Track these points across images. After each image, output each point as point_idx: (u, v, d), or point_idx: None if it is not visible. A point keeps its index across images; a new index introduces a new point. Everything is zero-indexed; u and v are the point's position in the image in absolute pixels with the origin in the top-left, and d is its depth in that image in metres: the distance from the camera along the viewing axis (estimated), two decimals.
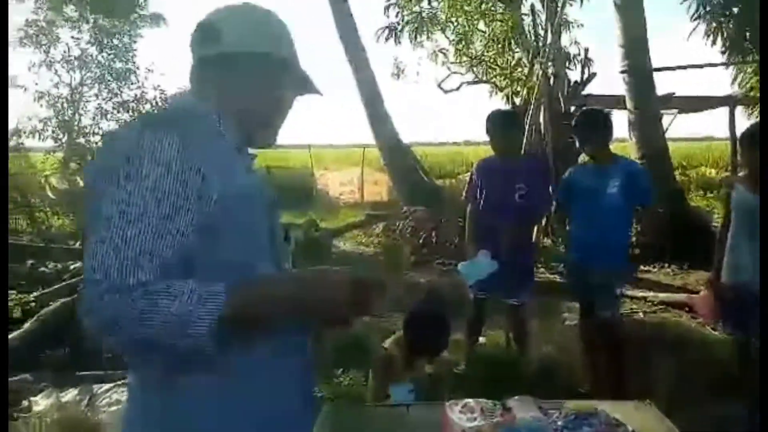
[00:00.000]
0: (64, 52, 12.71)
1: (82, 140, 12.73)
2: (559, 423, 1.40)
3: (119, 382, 3.54)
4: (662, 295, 5.24)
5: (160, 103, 13.31)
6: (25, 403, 3.33)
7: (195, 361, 0.92)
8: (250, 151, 1.14)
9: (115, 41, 13.32)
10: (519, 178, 3.23)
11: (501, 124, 3.33)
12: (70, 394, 3.40)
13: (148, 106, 13.27)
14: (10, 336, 3.96)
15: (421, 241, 8.18)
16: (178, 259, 0.89)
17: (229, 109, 1.06)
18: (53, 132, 12.25)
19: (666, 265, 6.67)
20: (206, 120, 1.03)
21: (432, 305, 3.12)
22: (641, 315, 4.97)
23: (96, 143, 12.72)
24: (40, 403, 3.34)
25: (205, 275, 0.91)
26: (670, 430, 1.45)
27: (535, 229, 4.24)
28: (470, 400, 1.45)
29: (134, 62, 13.52)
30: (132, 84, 13.27)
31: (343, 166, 14.88)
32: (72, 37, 12.85)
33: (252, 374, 1.01)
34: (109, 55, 13.26)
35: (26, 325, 4.20)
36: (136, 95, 13.24)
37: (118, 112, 13.07)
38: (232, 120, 1.06)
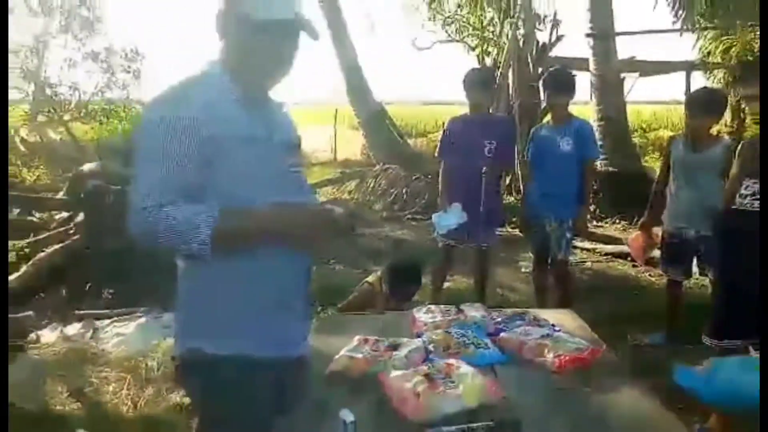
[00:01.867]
0: None
1: (48, 91, 12.55)
2: (498, 320, 1.83)
3: (117, 318, 3.89)
4: (609, 247, 5.79)
5: (130, 55, 13.17)
6: (32, 336, 3.65)
7: (207, 262, 1.23)
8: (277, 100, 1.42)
9: None
10: (488, 135, 3.51)
11: (474, 81, 3.62)
12: (74, 328, 3.72)
13: (117, 58, 13.11)
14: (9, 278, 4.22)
15: (392, 197, 8.56)
16: (186, 188, 1.21)
17: (239, 68, 1.32)
18: (16, 84, 12.01)
19: (617, 220, 7.20)
20: (217, 80, 1.31)
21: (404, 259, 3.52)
22: (589, 264, 5.50)
23: (62, 95, 12.59)
24: (47, 335, 3.67)
25: (213, 205, 1.22)
26: (582, 326, 1.90)
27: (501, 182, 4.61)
28: (432, 305, 1.85)
29: (99, 11, 13.20)
30: (100, 34, 13.04)
31: (316, 124, 14.98)
32: None
33: (257, 271, 1.31)
34: (73, 1, 12.92)
35: (23, 269, 4.46)
36: (105, 47, 13.03)
37: (85, 62, 12.88)
38: (242, 76, 1.32)
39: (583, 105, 8.89)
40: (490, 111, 4.41)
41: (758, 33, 8.97)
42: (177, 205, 1.19)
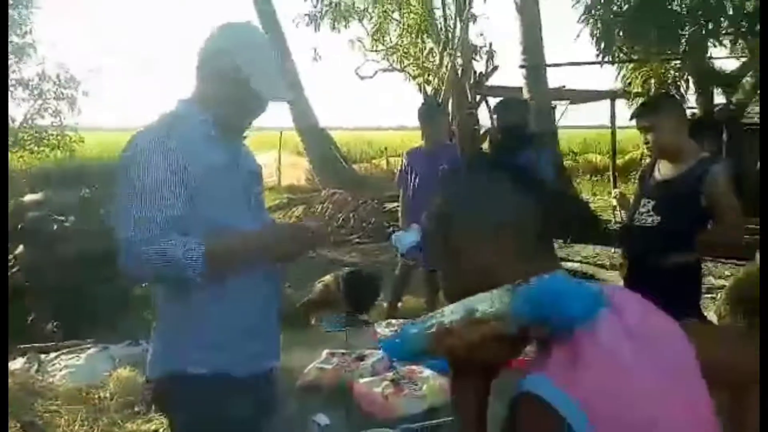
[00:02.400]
0: None
1: None
2: None
3: (64, 351, 3.79)
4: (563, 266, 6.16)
5: (63, 81, 12.74)
6: None
7: (194, 287, 1.34)
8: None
9: (11, 11, 12.47)
10: (440, 163, 3.78)
11: (427, 115, 3.96)
12: (18, 362, 3.59)
13: (50, 85, 12.66)
14: None
15: (339, 222, 8.69)
16: (173, 220, 1.31)
17: (220, 113, 1.43)
18: None
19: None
20: (198, 123, 1.41)
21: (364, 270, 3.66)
22: None
23: None
24: None
25: (196, 233, 1.34)
26: None
27: None
28: (392, 319, 2.00)
29: (32, 36, 12.75)
30: (31, 60, 12.57)
31: (260, 149, 14.98)
32: None
33: (235, 294, 1.41)
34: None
35: None
36: (37, 72, 12.57)
37: (15, 89, 12.37)
38: (222, 119, 1.43)
39: None
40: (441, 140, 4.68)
41: (670, 65, 9.88)
42: (168, 236, 1.28)
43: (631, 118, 2.48)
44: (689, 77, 10.11)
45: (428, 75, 11.25)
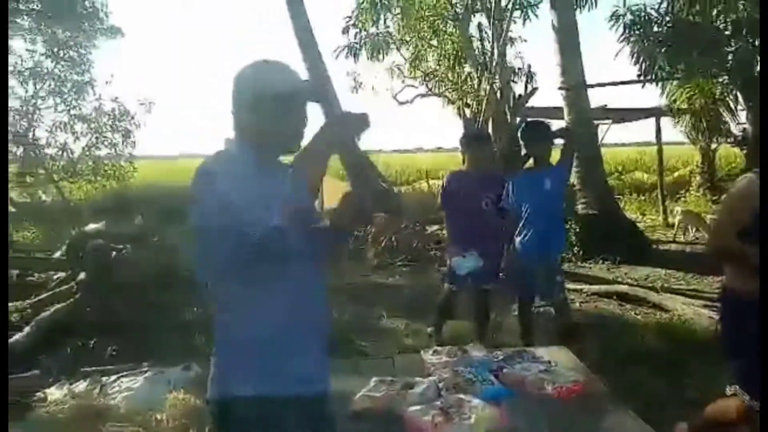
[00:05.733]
0: (16, 63, 12.59)
1: (32, 153, 12.69)
2: (501, 358, 2.03)
3: (125, 373, 3.97)
4: (594, 287, 6.03)
5: (118, 115, 13.45)
6: (39, 394, 3.70)
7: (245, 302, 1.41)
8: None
9: (72, 53, 13.31)
10: (486, 189, 3.86)
11: (478, 145, 4.03)
12: (81, 385, 3.78)
13: (105, 119, 13.38)
14: (12, 339, 4.29)
15: (382, 245, 8.77)
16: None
17: (262, 145, 1.50)
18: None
19: (600, 261, 7.47)
20: (242, 160, 1.47)
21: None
22: (577, 304, 5.72)
23: (51, 156, 12.75)
24: (54, 393, 3.71)
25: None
26: (575, 361, 2.10)
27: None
28: (438, 347, 2.05)
29: (90, 74, 13.54)
30: (89, 96, 13.34)
31: None
32: (26, 50, 12.77)
33: (284, 316, 1.43)
34: (65, 66, 13.26)
35: (26, 329, 4.52)
36: (94, 107, 13.31)
37: (75, 124, 13.12)
38: (264, 151, 1.51)
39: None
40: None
41: (716, 81, 9.64)
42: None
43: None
44: (737, 93, 9.82)
45: (467, 99, 11.33)
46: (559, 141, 3.91)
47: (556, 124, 5.91)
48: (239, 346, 1.46)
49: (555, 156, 3.90)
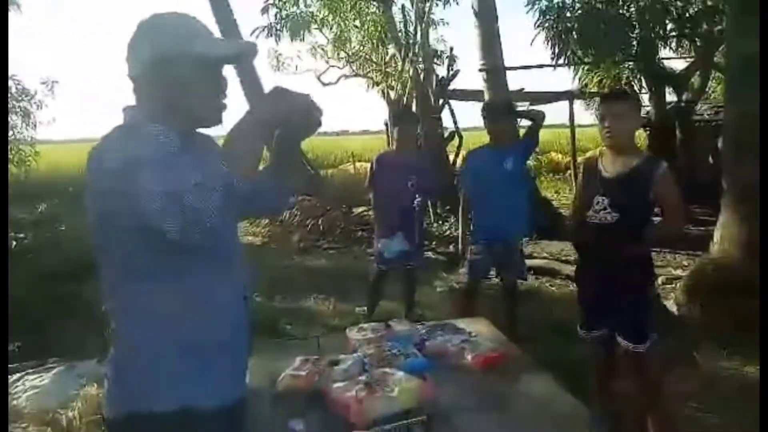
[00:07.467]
0: None
1: None
2: (423, 332, 2.06)
3: (29, 371, 3.70)
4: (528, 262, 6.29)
5: (15, 95, 12.32)
6: None
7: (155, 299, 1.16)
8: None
9: None
10: (412, 170, 3.89)
11: (404, 123, 4.09)
12: None
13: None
14: None
15: (308, 228, 8.68)
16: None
17: (171, 117, 1.19)
18: None
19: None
20: (152, 135, 1.14)
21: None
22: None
23: None
24: None
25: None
26: (494, 331, 2.18)
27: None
28: (363, 324, 2.04)
29: None
30: None
31: None
32: None
33: (197, 307, 1.21)
34: None
35: None
36: None
37: None
38: (176, 123, 1.19)
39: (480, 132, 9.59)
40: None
41: (623, 66, 10.25)
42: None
43: (600, 103, 2.53)
44: (642, 78, 10.51)
45: (391, 80, 11.36)
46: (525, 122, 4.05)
47: (477, 106, 6.04)
48: (148, 352, 1.21)
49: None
